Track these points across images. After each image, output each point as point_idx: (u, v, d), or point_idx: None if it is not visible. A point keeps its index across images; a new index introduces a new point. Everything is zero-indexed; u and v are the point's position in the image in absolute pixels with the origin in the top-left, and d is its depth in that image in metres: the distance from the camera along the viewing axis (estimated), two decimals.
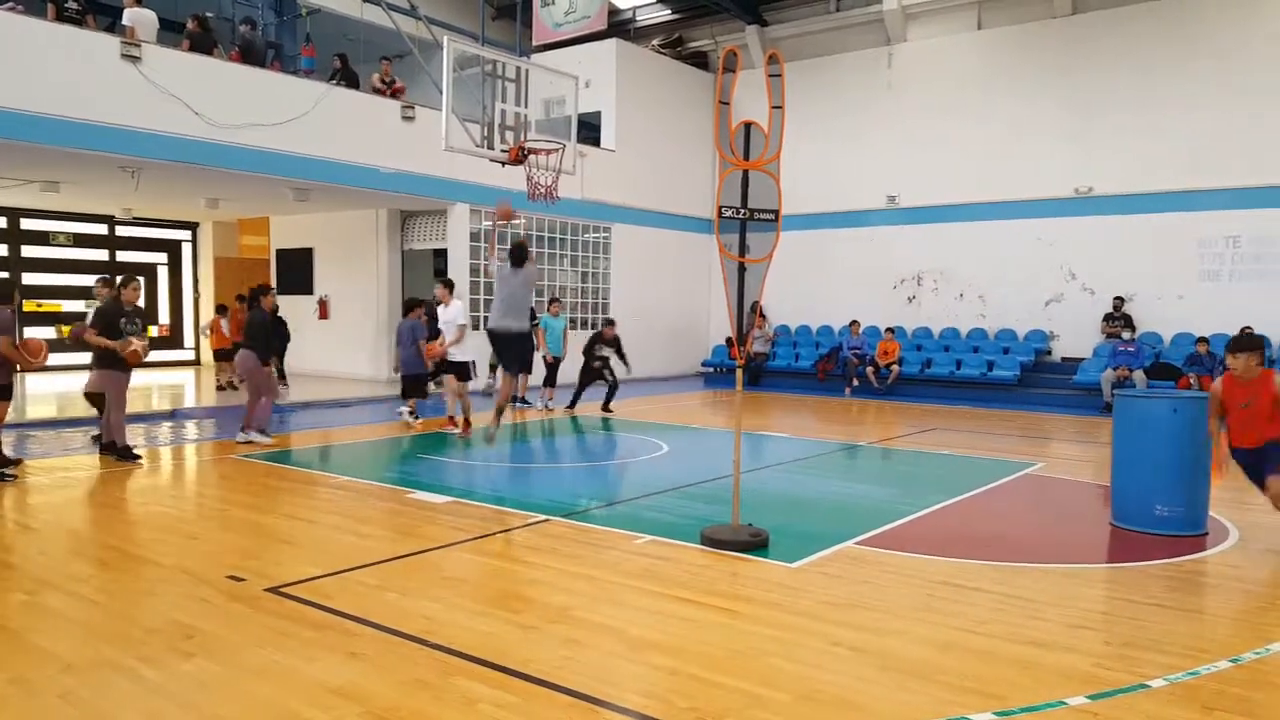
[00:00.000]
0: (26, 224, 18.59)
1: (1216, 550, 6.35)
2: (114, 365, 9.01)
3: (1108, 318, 16.57)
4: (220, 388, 16.21)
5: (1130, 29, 16.56)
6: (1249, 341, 6.36)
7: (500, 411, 9.76)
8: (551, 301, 14.79)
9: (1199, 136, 15.89)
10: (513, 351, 9.52)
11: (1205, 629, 4.92)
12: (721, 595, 5.21)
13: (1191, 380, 14.08)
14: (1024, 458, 10.33)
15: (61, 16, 11.64)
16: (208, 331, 16.85)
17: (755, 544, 6.13)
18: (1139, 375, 14.70)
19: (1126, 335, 15.65)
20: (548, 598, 5.10)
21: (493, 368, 14.76)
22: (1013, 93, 17.83)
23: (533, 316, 11.29)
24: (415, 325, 11.51)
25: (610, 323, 14.61)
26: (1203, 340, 14.71)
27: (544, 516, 7.05)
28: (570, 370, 14.51)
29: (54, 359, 9.99)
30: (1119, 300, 16.52)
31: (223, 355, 16.65)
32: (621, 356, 14.03)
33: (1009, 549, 6.34)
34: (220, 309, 17.16)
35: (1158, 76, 16.31)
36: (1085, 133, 17.02)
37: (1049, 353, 17.59)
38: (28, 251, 18.66)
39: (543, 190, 11.44)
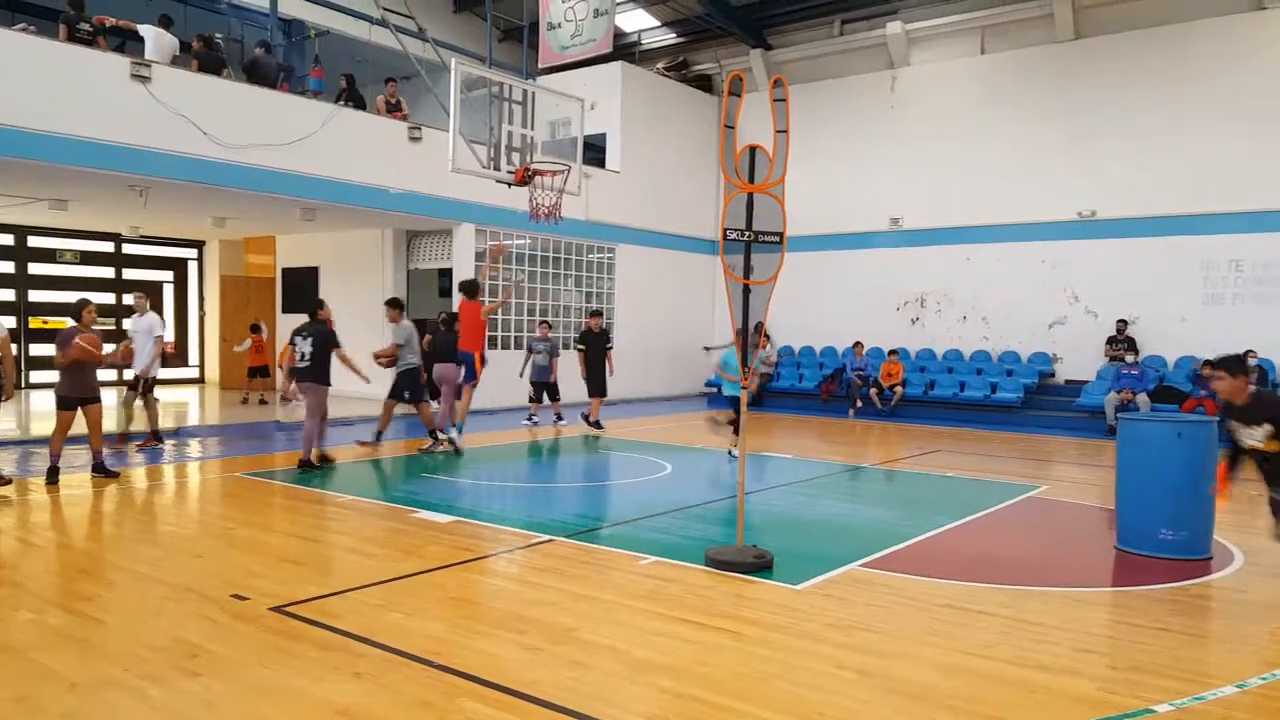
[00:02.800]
0: (34, 241, 18.68)
1: (1222, 574, 6.33)
2: (320, 379, 9.83)
3: (1111, 340, 16.57)
4: (244, 402, 16.73)
5: (1133, 53, 16.66)
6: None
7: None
8: (753, 330, 13.71)
9: (1203, 160, 15.94)
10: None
11: (1211, 654, 4.91)
12: (726, 617, 5.21)
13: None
14: (1028, 480, 10.31)
15: (73, 37, 11.76)
16: (243, 347, 17.36)
17: (760, 565, 6.12)
18: (1143, 398, 14.68)
19: (1130, 358, 15.64)
20: (552, 618, 5.10)
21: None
22: (1016, 116, 17.92)
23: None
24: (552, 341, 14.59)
25: None
26: (1207, 363, 14.68)
27: (548, 537, 7.05)
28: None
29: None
30: (1122, 323, 16.53)
31: (256, 373, 17.01)
32: None
33: (1013, 572, 6.33)
34: (254, 328, 17.39)
35: (1161, 100, 16.38)
36: (1088, 156, 17.09)
37: (1052, 375, 17.58)
38: (34, 269, 18.74)
39: (545, 210, 11.51)
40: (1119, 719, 3.85)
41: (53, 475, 8.72)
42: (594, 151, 18.98)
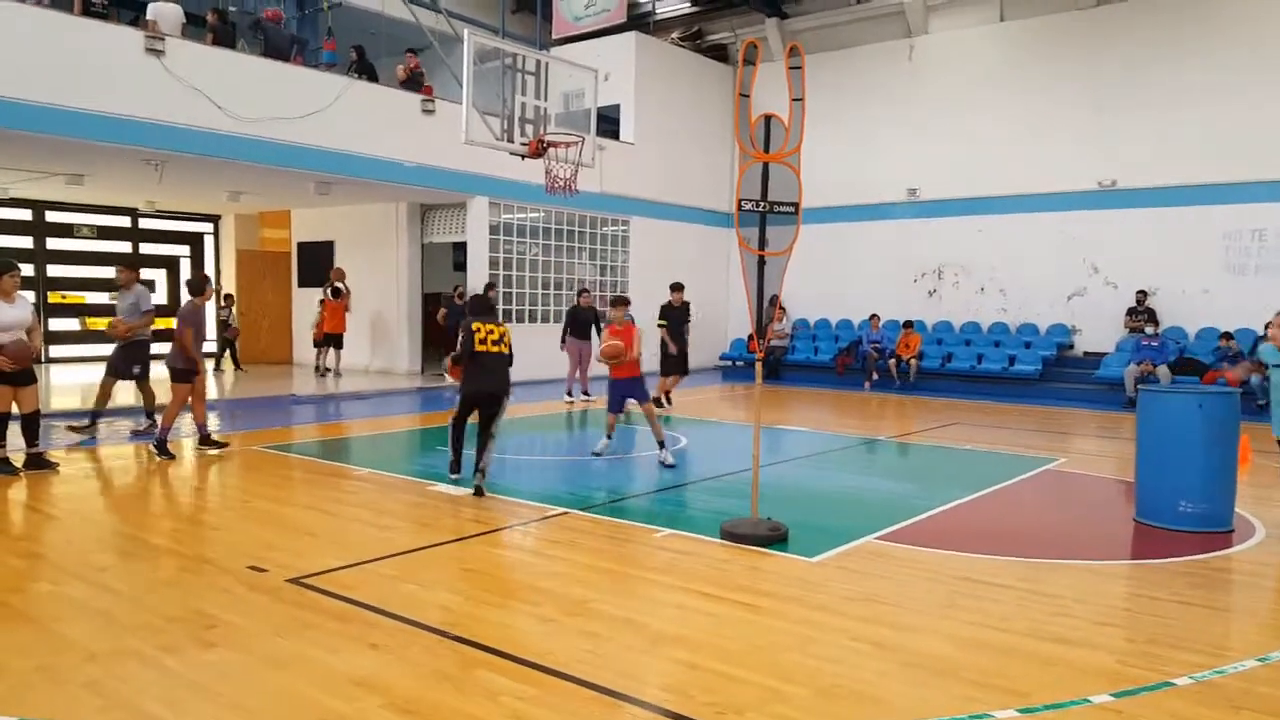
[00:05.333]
0: (51, 216, 18.76)
1: (1242, 547, 6.27)
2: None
3: (1131, 312, 16.38)
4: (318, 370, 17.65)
5: (1154, 19, 16.33)
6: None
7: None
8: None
9: (1224, 128, 15.65)
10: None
11: (1231, 627, 4.86)
12: (741, 589, 5.20)
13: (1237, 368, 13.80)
14: (1046, 453, 10.24)
15: (87, 11, 11.72)
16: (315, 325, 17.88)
17: (775, 538, 6.11)
18: (1163, 370, 14.53)
19: (1150, 330, 15.47)
20: (567, 590, 5.10)
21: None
22: (1035, 84, 17.63)
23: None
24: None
25: None
26: (1227, 335, 14.52)
27: (563, 509, 7.06)
28: None
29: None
30: (1142, 294, 16.33)
31: (329, 341, 17.56)
32: None
33: (1031, 545, 6.29)
34: (323, 302, 17.68)
35: (1182, 67, 16.07)
36: (1109, 125, 16.81)
37: (1071, 347, 17.42)
38: (52, 244, 18.84)
39: (562, 183, 11.45)
40: (1138, 692, 3.82)
41: (162, 448, 9.01)
42: (608, 123, 18.81)
